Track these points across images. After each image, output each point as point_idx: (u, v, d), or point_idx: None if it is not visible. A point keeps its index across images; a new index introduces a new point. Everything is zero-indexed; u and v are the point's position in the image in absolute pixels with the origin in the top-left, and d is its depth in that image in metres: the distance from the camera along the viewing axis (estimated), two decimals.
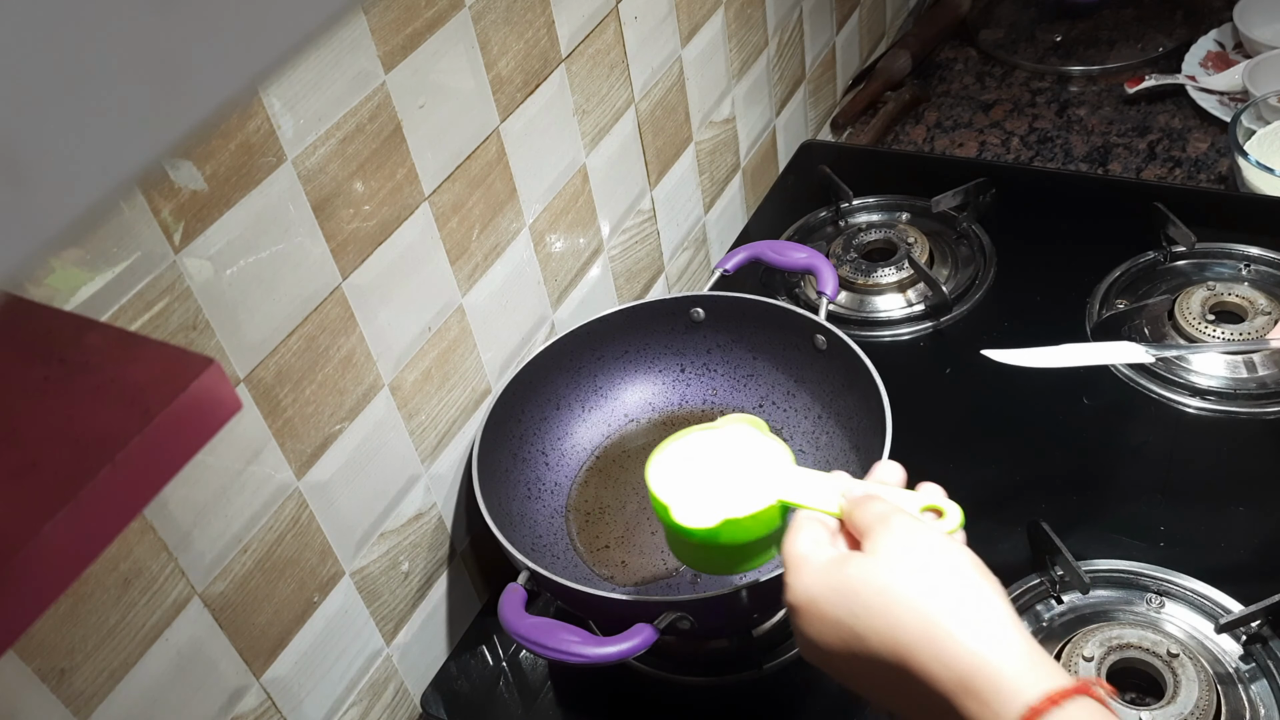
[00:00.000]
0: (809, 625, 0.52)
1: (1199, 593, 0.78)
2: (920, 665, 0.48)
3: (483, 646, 0.86)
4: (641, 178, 1.00)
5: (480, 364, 0.84)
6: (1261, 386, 0.91)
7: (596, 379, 0.93)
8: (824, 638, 0.52)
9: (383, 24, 0.67)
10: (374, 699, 0.80)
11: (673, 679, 0.82)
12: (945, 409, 0.96)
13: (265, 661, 0.69)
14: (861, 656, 0.50)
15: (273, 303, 0.64)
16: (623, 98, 0.94)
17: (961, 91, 1.41)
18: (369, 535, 0.76)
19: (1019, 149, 1.30)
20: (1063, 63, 1.40)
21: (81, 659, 0.57)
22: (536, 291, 0.89)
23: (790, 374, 0.92)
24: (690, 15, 1.00)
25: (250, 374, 0.64)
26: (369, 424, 0.74)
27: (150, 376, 0.35)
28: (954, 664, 0.47)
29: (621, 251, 1.00)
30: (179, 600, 0.62)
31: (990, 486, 0.89)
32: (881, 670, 0.50)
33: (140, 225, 0.55)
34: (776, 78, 1.21)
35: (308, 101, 0.63)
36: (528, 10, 0.79)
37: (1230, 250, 1.02)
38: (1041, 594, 0.80)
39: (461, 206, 0.78)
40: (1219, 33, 1.37)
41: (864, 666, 0.50)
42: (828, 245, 1.12)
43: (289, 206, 0.64)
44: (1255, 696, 0.72)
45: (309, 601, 0.72)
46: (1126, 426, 0.92)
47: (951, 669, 0.47)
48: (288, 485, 0.68)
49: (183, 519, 0.61)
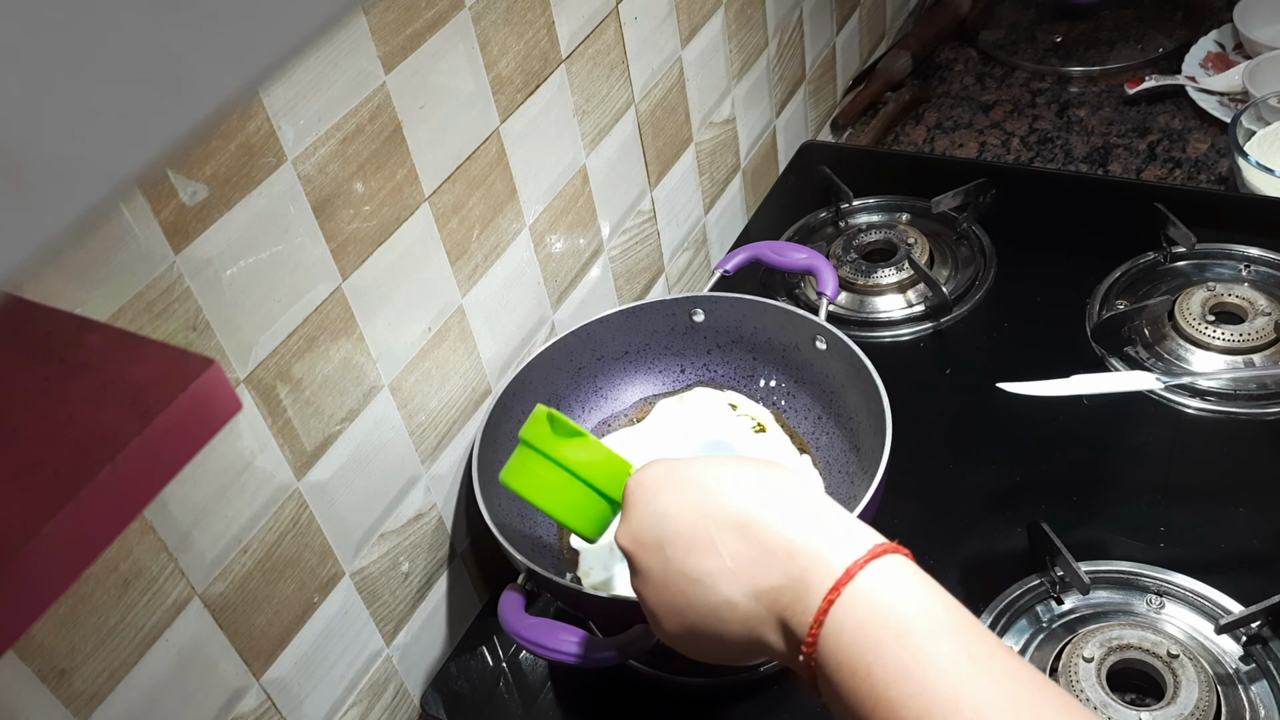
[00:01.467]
0: (646, 574, 0.54)
1: (1199, 593, 0.78)
2: (758, 532, 0.51)
3: (483, 647, 0.86)
4: (641, 178, 1.00)
5: (480, 364, 0.84)
6: (1262, 387, 0.91)
7: (596, 380, 0.93)
8: (653, 582, 0.54)
9: (383, 24, 0.67)
10: (374, 700, 0.80)
11: (672, 679, 0.82)
12: (945, 409, 0.96)
13: (265, 662, 0.69)
14: (687, 576, 0.52)
15: (273, 303, 0.64)
16: (623, 98, 0.94)
17: (962, 92, 1.41)
18: (369, 536, 0.76)
19: (1019, 150, 1.30)
20: (1063, 63, 1.40)
21: (81, 660, 0.57)
22: (537, 292, 0.89)
23: (790, 375, 0.92)
24: (690, 16, 1.00)
25: (250, 374, 0.64)
26: (369, 424, 0.74)
27: (150, 377, 0.35)
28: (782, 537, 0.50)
29: (622, 252, 1.00)
30: (179, 601, 0.62)
31: (990, 487, 0.89)
32: (708, 592, 0.51)
33: (140, 226, 0.55)
34: (777, 78, 1.21)
35: (308, 102, 0.63)
36: (528, 11, 0.79)
37: (1230, 251, 1.02)
38: (1041, 595, 0.80)
39: (462, 207, 0.78)
40: (1219, 33, 1.37)
41: (692, 591, 0.52)
42: (828, 246, 1.12)
43: (289, 207, 0.64)
44: (1255, 697, 0.72)
45: (309, 602, 0.72)
46: (1127, 427, 0.92)
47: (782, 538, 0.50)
48: (288, 486, 0.68)
49: (183, 519, 0.61)
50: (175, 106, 0.18)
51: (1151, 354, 0.95)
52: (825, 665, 0.47)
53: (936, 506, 0.88)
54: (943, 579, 0.50)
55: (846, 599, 0.47)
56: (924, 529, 0.87)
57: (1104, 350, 0.96)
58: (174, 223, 0.57)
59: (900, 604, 0.47)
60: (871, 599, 0.47)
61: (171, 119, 0.18)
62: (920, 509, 0.88)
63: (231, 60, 0.19)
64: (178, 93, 0.18)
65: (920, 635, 0.46)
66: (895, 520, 0.85)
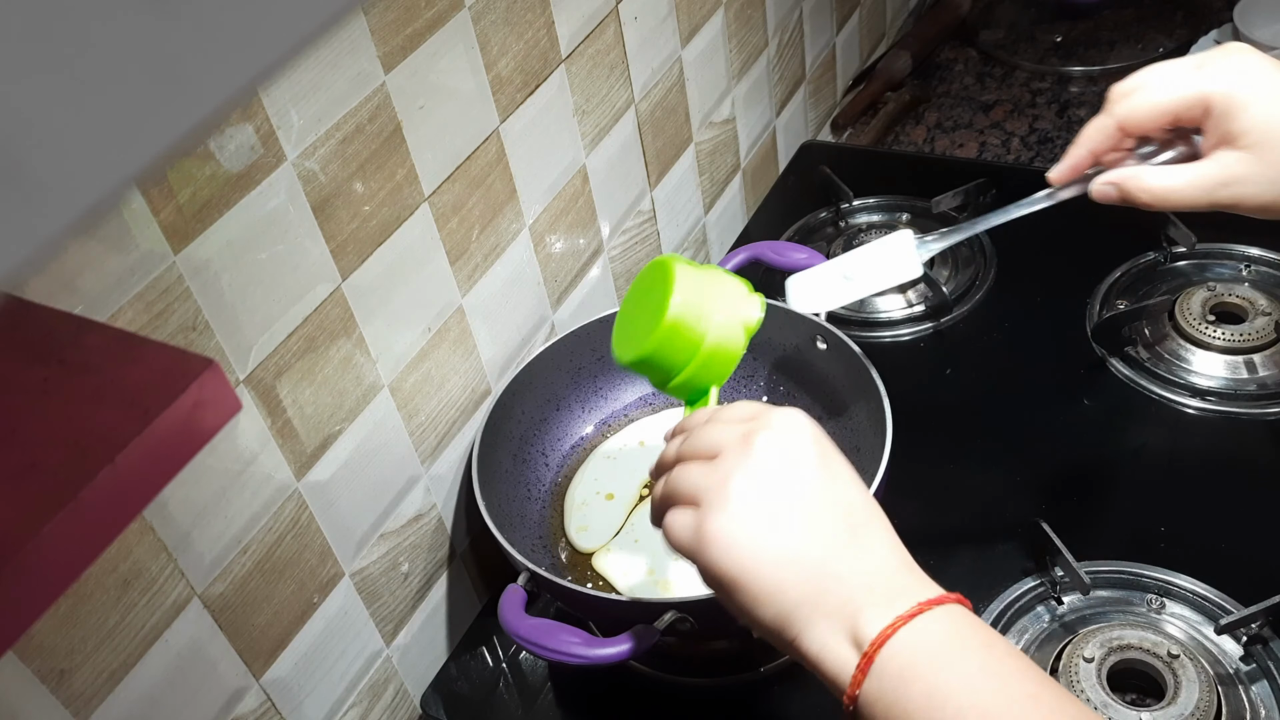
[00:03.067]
0: (759, 472, 0.53)
1: (1199, 593, 0.78)
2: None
3: (482, 648, 0.86)
4: (641, 178, 1.00)
5: (480, 364, 0.84)
6: (1262, 387, 0.91)
7: (596, 380, 0.93)
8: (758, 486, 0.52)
9: (382, 25, 0.67)
10: (374, 700, 0.80)
11: (672, 680, 0.82)
12: (945, 409, 0.96)
13: (265, 663, 0.69)
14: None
15: (272, 303, 0.64)
16: (623, 98, 0.94)
17: (962, 92, 1.41)
18: (369, 536, 0.76)
19: (1019, 149, 1.30)
20: (1063, 63, 1.40)
21: (81, 660, 0.57)
22: (536, 292, 0.89)
23: (790, 375, 0.92)
24: (690, 16, 1.00)
25: (250, 375, 0.64)
26: (369, 424, 0.74)
27: (150, 377, 0.35)
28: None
29: (622, 252, 1.00)
30: (179, 601, 0.62)
31: (990, 487, 0.89)
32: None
33: (140, 226, 0.55)
34: (776, 78, 1.21)
35: (308, 102, 0.63)
36: (527, 11, 0.79)
37: (1230, 251, 1.02)
38: (1042, 595, 0.80)
39: (461, 207, 0.78)
40: (1219, 33, 1.37)
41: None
42: (828, 246, 1.12)
43: (289, 207, 0.64)
44: (1256, 697, 0.72)
45: (309, 602, 0.72)
46: (1126, 427, 0.92)
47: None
48: (287, 486, 0.68)
49: (182, 520, 0.61)
50: (174, 105, 0.18)
51: (1152, 354, 0.95)
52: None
53: (937, 506, 0.88)
54: (943, 579, 0.50)
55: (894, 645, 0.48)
56: (924, 529, 0.87)
57: (1104, 350, 0.96)
58: (173, 223, 0.57)
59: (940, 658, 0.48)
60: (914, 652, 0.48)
61: (170, 118, 0.18)
62: (920, 509, 0.88)
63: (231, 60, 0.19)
64: (177, 92, 0.18)
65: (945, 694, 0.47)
66: (895, 520, 0.85)
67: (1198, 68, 0.62)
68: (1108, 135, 0.66)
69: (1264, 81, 0.60)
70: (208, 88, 0.19)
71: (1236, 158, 0.60)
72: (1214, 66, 0.61)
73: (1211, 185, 0.61)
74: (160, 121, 0.18)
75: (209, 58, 0.19)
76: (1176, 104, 0.62)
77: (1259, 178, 0.59)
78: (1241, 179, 0.60)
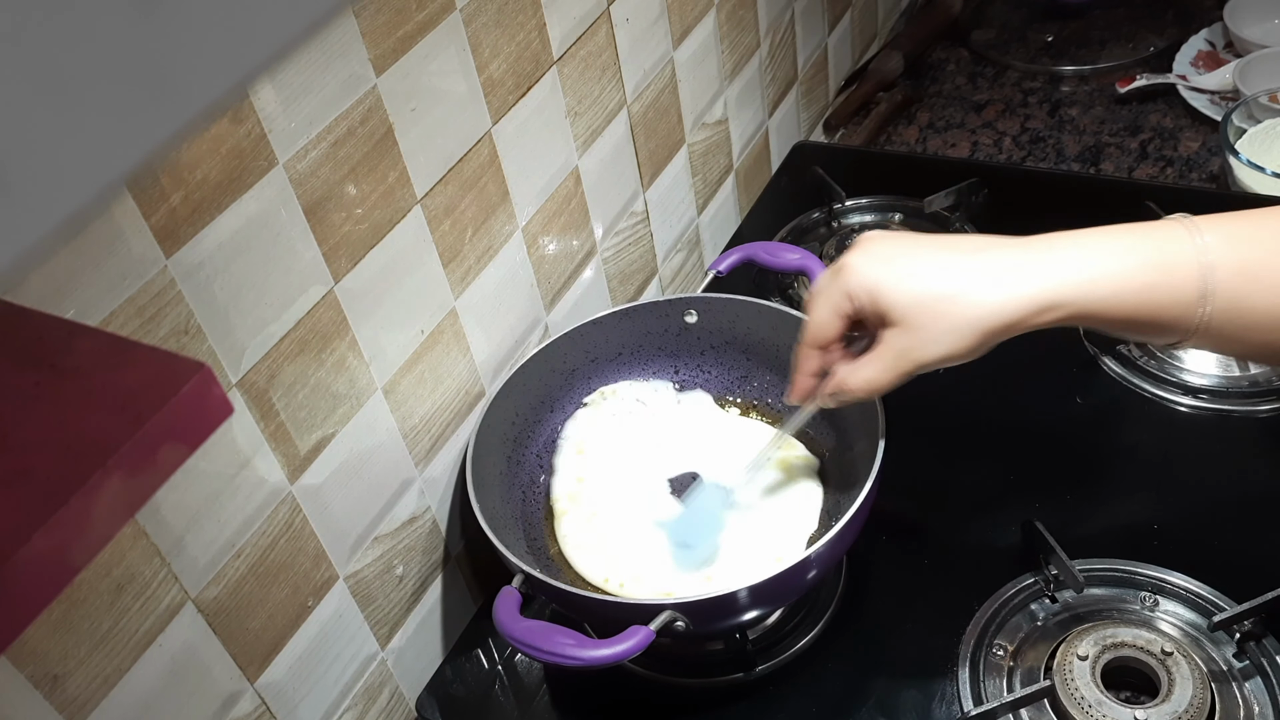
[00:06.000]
0: None
1: (1193, 591, 0.78)
2: None
3: (478, 650, 0.86)
4: (634, 180, 1.00)
5: (474, 367, 0.84)
6: (1254, 385, 0.91)
7: (590, 382, 0.93)
8: None
9: (373, 27, 0.67)
10: (369, 703, 0.80)
11: (667, 681, 0.81)
12: (940, 409, 0.96)
13: (259, 667, 0.69)
14: None
15: (265, 307, 0.64)
16: (615, 100, 0.94)
17: (954, 92, 1.41)
18: (363, 539, 0.76)
19: (1011, 149, 1.30)
20: (1054, 63, 1.41)
21: (74, 665, 0.57)
22: (529, 294, 0.89)
23: (785, 376, 0.91)
24: (682, 17, 1.00)
25: (243, 378, 0.64)
26: (362, 428, 0.74)
27: (141, 381, 0.35)
28: None
29: (615, 254, 1.00)
30: (172, 606, 0.62)
31: (985, 486, 0.89)
32: None
33: (131, 230, 0.55)
34: (769, 79, 1.21)
35: (299, 105, 0.63)
36: (519, 12, 0.79)
37: None
38: (1036, 593, 0.80)
39: (454, 209, 0.78)
40: (1210, 32, 1.38)
41: None
42: (821, 246, 1.12)
43: (280, 210, 0.64)
44: (1249, 694, 0.72)
45: (303, 606, 0.72)
46: (1120, 425, 0.92)
47: None
48: (281, 489, 0.68)
49: (175, 524, 0.61)
50: (162, 108, 0.18)
51: (1144, 351, 0.95)
52: None
53: (931, 505, 0.88)
54: (937, 577, 0.50)
55: None
56: (918, 528, 0.87)
57: (1096, 349, 0.97)
58: (165, 226, 0.57)
59: None
60: None
61: (158, 121, 0.18)
62: (915, 508, 0.88)
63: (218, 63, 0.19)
64: (164, 95, 0.18)
65: None
66: (890, 519, 0.85)
67: (835, 274, 0.69)
68: (809, 357, 0.72)
69: (890, 261, 0.67)
70: (193, 90, 0.19)
71: (896, 333, 0.66)
72: (848, 269, 0.68)
73: (892, 362, 0.67)
74: (146, 125, 0.18)
75: (194, 60, 0.19)
76: (834, 311, 0.69)
77: (923, 340, 0.66)
78: (911, 347, 0.66)
